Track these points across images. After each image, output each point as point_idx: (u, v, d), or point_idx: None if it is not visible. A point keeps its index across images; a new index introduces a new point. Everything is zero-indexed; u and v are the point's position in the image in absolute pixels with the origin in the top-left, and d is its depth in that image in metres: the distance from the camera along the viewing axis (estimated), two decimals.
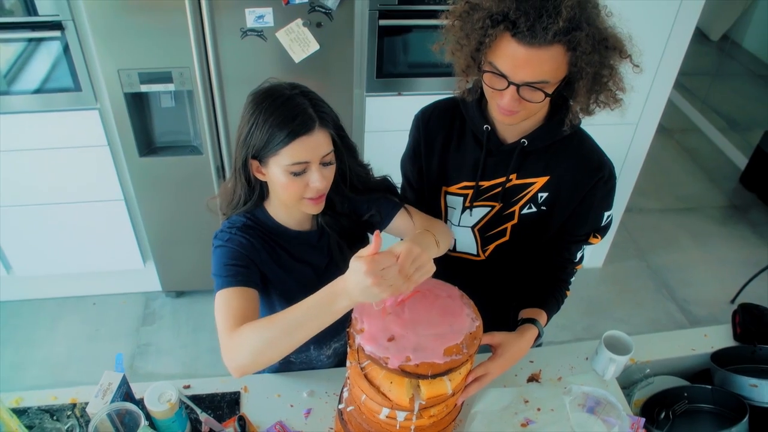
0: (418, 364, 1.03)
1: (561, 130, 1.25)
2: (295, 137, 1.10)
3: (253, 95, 1.15)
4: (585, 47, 1.05)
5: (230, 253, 1.19)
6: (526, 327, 1.34)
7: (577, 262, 1.43)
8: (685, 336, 1.67)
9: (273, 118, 1.10)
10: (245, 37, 2.13)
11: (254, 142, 1.12)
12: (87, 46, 2.13)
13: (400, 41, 2.34)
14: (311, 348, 1.46)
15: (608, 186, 1.32)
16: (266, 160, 1.14)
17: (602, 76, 1.12)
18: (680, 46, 2.50)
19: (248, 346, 1.04)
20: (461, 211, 1.41)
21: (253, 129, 1.12)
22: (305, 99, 1.13)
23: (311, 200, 1.17)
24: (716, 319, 2.97)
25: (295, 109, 1.11)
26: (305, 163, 1.12)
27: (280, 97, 1.12)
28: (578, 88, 1.13)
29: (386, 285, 0.93)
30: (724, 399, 1.48)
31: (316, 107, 1.13)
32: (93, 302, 2.93)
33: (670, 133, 4.52)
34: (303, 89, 1.16)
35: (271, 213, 1.28)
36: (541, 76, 1.08)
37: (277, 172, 1.14)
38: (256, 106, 1.13)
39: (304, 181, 1.14)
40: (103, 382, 1.26)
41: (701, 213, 3.81)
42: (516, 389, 1.44)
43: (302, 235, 1.30)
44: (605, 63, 1.10)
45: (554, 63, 1.07)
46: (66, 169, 2.42)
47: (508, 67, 1.09)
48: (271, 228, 1.27)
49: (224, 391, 1.42)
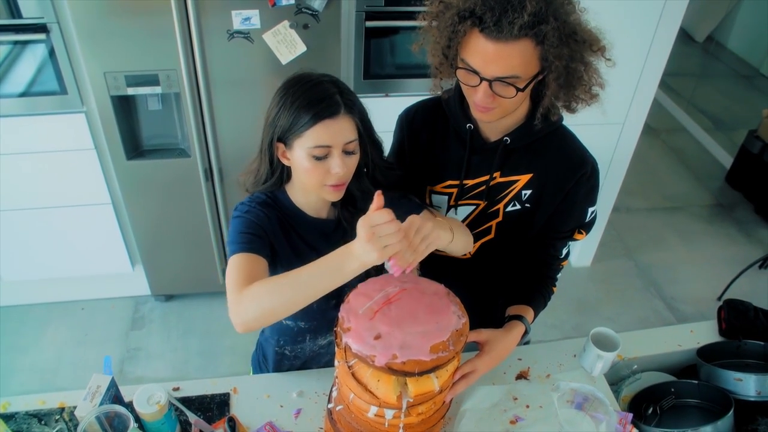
0: (404, 361, 1.03)
1: (543, 125, 1.26)
2: (319, 119, 1.12)
3: (287, 79, 1.19)
4: (552, 40, 1.07)
5: (247, 223, 1.21)
6: (512, 324, 1.35)
7: (563, 258, 1.44)
8: (671, 332, 1.68)
9: (300, 101, 1.13)
10: (232, 39, 2.13)
11: (281, 123, 1.15)
12: (72, 48, 2.12)
13: (387, 42, 2.35)
14: (307, 338, 1.44)
15: (591, 182, 1.33)
16: (291, 142, 1.16)
17: (575, 70, 1.13)
18: (665, 47, 2.53)
19: (257, 300, 1.05)
20: (446, 209, 1.42)
21: (281, 110, 1.15)
22: (334, 86, 1.16)
23: (332, 187, 1.19)
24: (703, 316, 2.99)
25: (323, 93, 1.14)
26: (327, 147, 1.14)
27: (309, 82, 1.16)
28: (549, 82, 1.14)
29: (380, 243, 0.94)
30: (710, 393, 1.50)
31: (344, 94, 1.16)
32: (81, 307, 2.91)
33: (657, 133, 4.56)
34: (334, 78, 1.19)
35: (291, 196, 1.29)
36: (512, 70, 1.10)
37: (300, 155, 1.16)
38: (286, 90, 1.16)
39: (325, 167, 1.16)
40: (91, 384, 1.25)
41: (688, 212, 3.85)
42: (505, 387, 1.45)
43: (318, 223, 1.31)
44: (575, 56, 1.11)
45: (523, 57, 1.08)
46: (53, 173, 2.41)
47: (478, 62, 1.11)
48: (289, 210, 1.29)
49: (214, 392, 1.41)
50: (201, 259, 2.71)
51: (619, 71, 1.19)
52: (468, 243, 1.30)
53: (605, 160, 2.86)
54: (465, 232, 1.30)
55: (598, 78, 1.17)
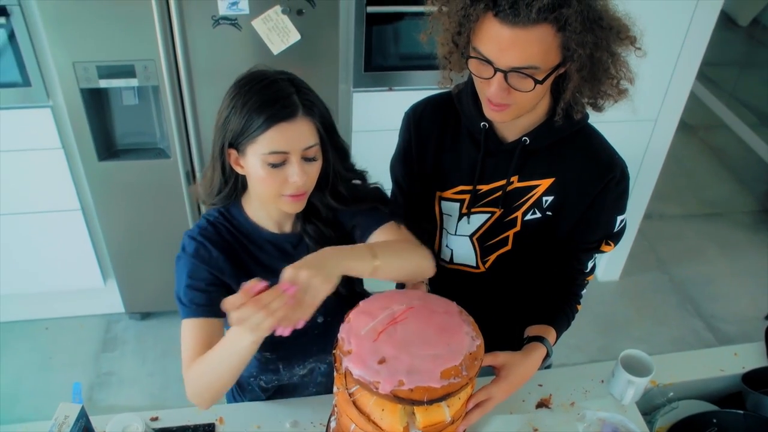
0: (412, 388, 1.04)
1: (565, 124, 1.27)
2: (274, 123, 1.13)
3: (238, 78, 1.20)
4: (575, 26, 1.07)
5: (192, 270, 1.25)
6: (532, 346, 1.36)
7: (588, 273, 1.45)
8: (712, 355, 1.68)
9: (252, 102, 1.14)
10: (217, 26, 2.14)
11: (232, 126, 1.16)
12: (37, 34, 2.13)
13: (391, 30, 2.37)
14: (280, 367, 1.45)
15: (621, 187, 1.33)
16: (244, 148, 1.16)
17: (600, 60, 1.14)
18: (704, 33, 2.54)
19: (196, 381, 1.20)
20: (458, 218, 1.43)
21: (231, 113, 1.16)
22: (291, 85, 1.17)
23: (291, 197, 1.20)
24: (748, 337, 2.97)
25: (278, 93, 1.15)
26: (284, 153, 1.15)
27: (263, 81, 1.17)
28: (571, 74, 1.15)
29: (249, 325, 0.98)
30: (759, 425, 1.49)
31: (302, 95, 1.17)
32: (45, 326, 2.91)
33: (694, 131, 4.57)
34: (291, 76, 1.20)
35: (247, 210, 1.31)
36: (529, 60, 1.10)
37: (254, 162, 1.16)
38: (238, 89, 1.17)
39: (282, 175, 1.16)
40: (58, 415, 1.26)
41: (729, 219, 3.85)
42: (524, 416, 1.45)
43: (278, 239, 1.33)
44: (600, 45, 1.12)
45: (542, 45, 1.09)
46: (14, 176, 2.41)
47: (492, 51, 1.12)
48: (243, 227, 1.31)
49: (197, 422, 1.42)
50: None
51: (651, 61, 1.19)
52: (419, 264, 1.27)
53: (636, 161, 2.87)
54: (406, 253, 1.25)
55: (628, 72, 1.18)
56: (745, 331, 3.09)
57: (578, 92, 1.21)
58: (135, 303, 2.86)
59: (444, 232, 1.48)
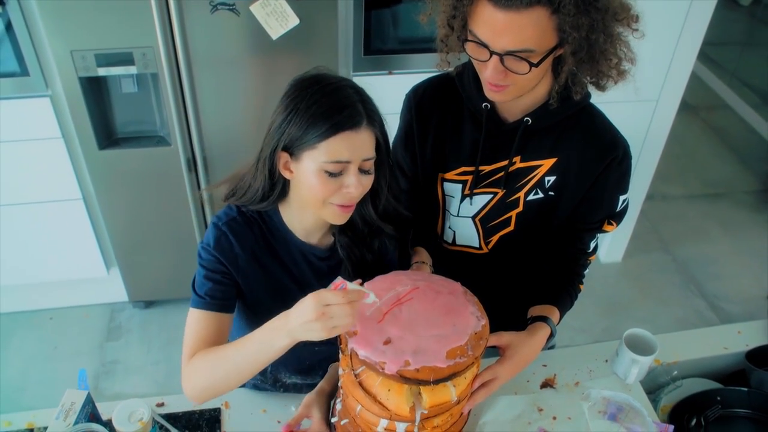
0: (418, 368, 1.05)
1: (567, 104, 1.27)
2: (339, 130, 1.09)
3: (298, 80, 1.15)
4: (569, 8, 1.07)
5: (214, 264, 1.22)
6: (537, 326, 1.37)
7: (591, 253, 1.45)
8: (716, 333, 1.70)
9: (317, 106, 1.09)
10: (215, 12, 2.13)
11: (290, 130, 1.11)
12: (34, 23, 2.12)
13: (390, 13, 2.36)
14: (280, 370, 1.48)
15: (623, 166, 1.34)
16: (300, 153, 1.12)
17: (596, 42, 1.13)
18: (705, 13, 2.52)
19: (199, 375, 1.17)
20: (460, 199, 1.43)
21: (292, 115, 1.11)
22: (356, 93, 1.13)
23: (340, 207, 1.16)
24: (751, 316, 3.00)
25: (345, 100, 1.11)
26: (345, 162, 1.11)
27: (329, 85, 1.12)
28: (566, 56, 1.15)
29: (330, 323, 0.99)
30: (763, 402, 1.50)
31: (366, 104, 1.13)
32: (50, 316, 2.93)
33: (696, 111, 4.56)
34: (354, 84, 1.16)
35: (283, 215, 1.27)
36: (524, 43, 1.10)
37: (309, 168, 1.12)
38: (300, 92, 1.12)
39: (336, 184, 1.13)
40: (64, 401, 1.27)
41: (732, 199, 3.85)
42: (529, 396, 1.46)
43: (307, 248, 1.29)
44: (596, 27, 1.11)
45: (537, 28, 1.09)
46: (14, 166, 2.42)
47: (487, 34, 1.12)
48: (277, 231, 1.27)
49: (203, 408, 1.43)
50: (184, 261, 2.72)
51: (651, 41, 1.19)
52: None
53: (637, 141, 2.86)
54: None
55: (628, 52, 1.18)
56: (748, 310, 3.10)
57: (579, 73, 1.21)
58: (138, 291, 2.87)
59: (446, 214, 1.48)
